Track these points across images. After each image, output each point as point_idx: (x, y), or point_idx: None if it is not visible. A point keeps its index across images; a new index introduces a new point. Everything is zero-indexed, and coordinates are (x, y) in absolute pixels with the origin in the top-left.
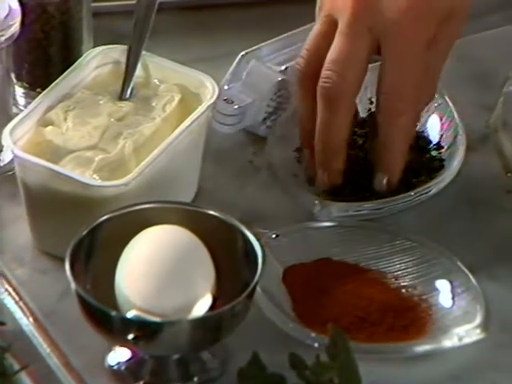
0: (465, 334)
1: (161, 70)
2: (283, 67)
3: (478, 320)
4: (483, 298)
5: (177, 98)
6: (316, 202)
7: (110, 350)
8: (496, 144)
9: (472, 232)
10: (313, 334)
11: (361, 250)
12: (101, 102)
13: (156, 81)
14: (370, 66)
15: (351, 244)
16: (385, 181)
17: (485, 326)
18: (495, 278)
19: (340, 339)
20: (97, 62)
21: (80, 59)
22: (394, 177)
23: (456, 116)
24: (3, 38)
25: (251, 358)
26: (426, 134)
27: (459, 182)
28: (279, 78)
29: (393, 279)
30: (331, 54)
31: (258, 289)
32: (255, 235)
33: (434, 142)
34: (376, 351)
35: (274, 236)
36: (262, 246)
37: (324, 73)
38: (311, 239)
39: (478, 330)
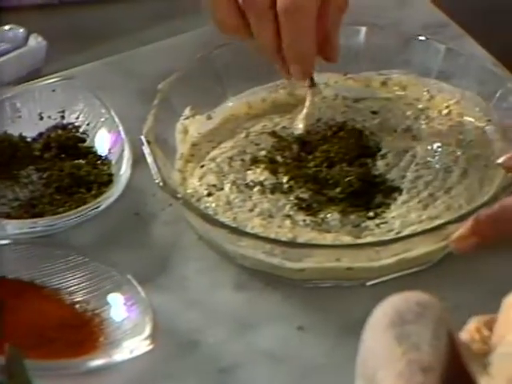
0: (135, 346)
1: None
2: None
3: (147, 332)
4: (151, 310)
5: None
6: None
7: None
8: (149, 156)
9: (140, 245)
10: None
11: (36, 267)
12: None
13: None
14: None
15: (26, 261)
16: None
17: (153, 337)
18: (162, 289)
19: (16, 358)
20: None
21: None
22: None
23: (122, 131)
24: None
25: None
26: (94, 149)
27: (127, 195)
28: None
29: (67, 295)
30: None
31: None
32: None
33: (103, 156)
34: (53, 368)
35: None
36: None
37: None
38: None
39: (147, 342)
